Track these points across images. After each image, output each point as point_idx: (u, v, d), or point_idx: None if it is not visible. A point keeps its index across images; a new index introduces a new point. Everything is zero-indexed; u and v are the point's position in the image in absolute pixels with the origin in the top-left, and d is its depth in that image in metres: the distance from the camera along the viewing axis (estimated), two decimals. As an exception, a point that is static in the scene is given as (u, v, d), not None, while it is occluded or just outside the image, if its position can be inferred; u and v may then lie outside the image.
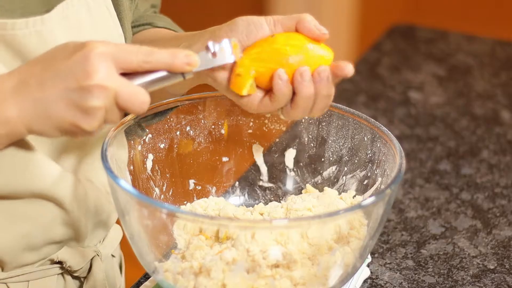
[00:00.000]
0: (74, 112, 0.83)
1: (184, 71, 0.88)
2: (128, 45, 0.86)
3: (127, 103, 0.84)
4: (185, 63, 0.88)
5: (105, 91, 0.82)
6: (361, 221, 0.96)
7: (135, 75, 0.86)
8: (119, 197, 0.91)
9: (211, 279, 0.90)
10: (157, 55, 0.86)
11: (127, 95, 0.84)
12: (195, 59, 0.88)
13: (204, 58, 0.92)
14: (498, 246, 1.21)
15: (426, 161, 1.44)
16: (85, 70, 0.82)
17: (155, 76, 0.87)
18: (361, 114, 1.05)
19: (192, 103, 1.07)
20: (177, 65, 0.87)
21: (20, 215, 0.98)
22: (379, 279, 1.14)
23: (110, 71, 0.83)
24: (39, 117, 0.84)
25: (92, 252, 1.07)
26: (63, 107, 0.83)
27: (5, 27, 0.91)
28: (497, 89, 1.71)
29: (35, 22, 0.93)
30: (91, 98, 0.82)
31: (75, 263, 1.05)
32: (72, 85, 0.82)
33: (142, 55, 0.85)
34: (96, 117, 0.83)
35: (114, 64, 0.83)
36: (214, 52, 0.92)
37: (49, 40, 0.93)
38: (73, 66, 0.82)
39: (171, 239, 0.98)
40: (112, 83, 0.83)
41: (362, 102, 1.63)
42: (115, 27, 1.02)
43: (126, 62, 0.84)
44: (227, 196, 1.12)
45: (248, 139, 1.11)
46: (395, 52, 1.87)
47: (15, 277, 1.02)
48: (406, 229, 1.25)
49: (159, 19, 1.17)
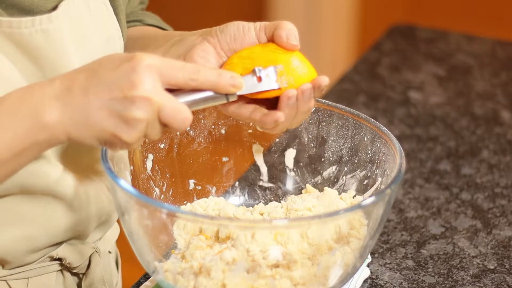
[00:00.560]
0: (116, 122, 0.82)
1: (228, 92, 0.88)
2: (174, 60, 0.86)
3: (170, 119, 0.83)
4: (230, 84, 0.88)
5: (149, 103, 0.82)
6: (361, 221, 0.96)
7: (179, 92, 0.86)
8: (119, 197, 0.91)
9: (211, 279, 0.90)
10: (203, 73, 0.86)
11: (170, 110, 0.83)
12: (240, 81, 0.89)
13: (249, 82, 0.92)
14: (498, 246, 1.21)
15: (426, 161, 1.44)
16: (131, 80, 0.81)
17: (200, 96, 0.87)
18: (361, 114, 1.05)
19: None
20: (222, 86, 0.87)
21: (24, 217, 0.98)
22: (379, 279, 1.14)
23: (156, 84, 0.82)
24: (80, 124, 0.83)
25: (91, 248, 1.07)
26: (105, 116, 0.82)
27: (11, 25, 0.91)
28: (497, 89, 1.71)
29: (42, 21, 0.93)
30: (134, 109, 0.81)
31: (74, 259, 1.05)
32: (116, 94, 0.82)
33: (188, 73, 0.85)
34: (137, 129, 0.83)
35: (160, 78, 0.83)
36: (260, 77, 0.92)
37: (55, 38, 0.94)
38: (119, 76, 0.82)
39: (171, 239, 0.98)
40: (156, 96, 0.82)
41: (362, 102, 1.63)
42: (112, 22, 1.02)
43: (172, 78, 0.84)
44: (227, 196, 1.12)
45: (248, 139, 1.11)
46: (395, 52, 1.87)
47: (15, 274, 1.02)
48: (406, 229, 1.25)
49: (148, 16, 1.18)
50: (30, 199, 0.98)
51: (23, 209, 0.98)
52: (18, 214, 0.98)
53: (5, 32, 0.91)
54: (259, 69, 0.92)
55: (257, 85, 0.92)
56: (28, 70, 0.93)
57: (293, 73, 0.94)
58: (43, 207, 0.99)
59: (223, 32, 0.96)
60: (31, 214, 0.98)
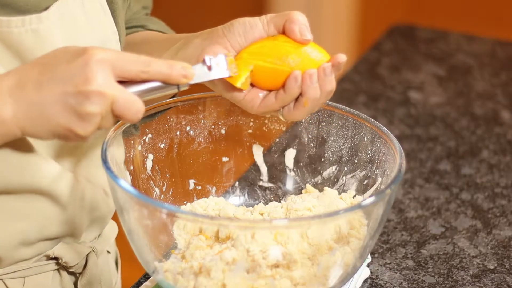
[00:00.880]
0: (70, 116, 0.83)
1: (180, 83, 0.89)
2: (127, 53, 0.86)
3: (123, 111, 0.84)
4: (181, 75, 0.88)
5: (103, 97, 0.82)
6: (361, 221, 0.96)
7: (130, 83, 0.87)
8: (119, 197, 0.91)
9: (211, 279, 0.90)
10: (154, 66, 0.86)
11: (123, 103, 0.84)
12: (191, 71, 0.89)
13: (200, 71, 0.92)
14: (498, 246, 1.21)
15: (426, 161, 1.44)
16: (85, 75, 0.82)
17: (150, 85, 0.88)
18: (361, 114, 1.05)
19: (192, 103, 1.07)
20: (173, 77, 0.88)
21: (16, 212, 0.98)
22: (379, 279, 1.14)
23: (109, 78, 0.83)
24: (34, 120, 0.84)
25: (87, 248, 1.07)
26: (59, 111, 0.83)
27: (0, 24, 0.91)
28: (497, 89, 1.71)
29: (32, 20, 0.93)
30: (88, 104, 0.82)
31: (70, 259, 1.05)
32: (70, 89, 0.82)
33: (140, 65, 0.86)
34: (92, 123, 0.83)
35: (112, 71, 0.84)
36: (210, 66, 0.93)
37: (45, 39, 0.93)
38: (72, 71, 0.82)
39: (171, 239, 0.98)
40: (110, 90, 0.83)
41: (362, 102, 1.63)
42: (110, 25, 1.02)
43: (124, 70, 0.85)
44: (227, 196, 1.12)
45: (248, 139, 1.11)
46: (395, 52, 1.87)
47: (11, 273, 1.02)
48: (406, 229, 1.25)
49: (151, 21, 1.18)
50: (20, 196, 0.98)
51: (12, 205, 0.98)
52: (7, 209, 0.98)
53: None
54: (209, 57, 0.93)
55: (207, 74, 0.93)
56: None
57: (311, 63, 0.95)
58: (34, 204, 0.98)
59: (230, 30, 0.96)
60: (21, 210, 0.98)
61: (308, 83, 0.94)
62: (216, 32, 0.98)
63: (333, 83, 0.96)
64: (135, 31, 1.15)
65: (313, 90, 0.95)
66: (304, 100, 0.95)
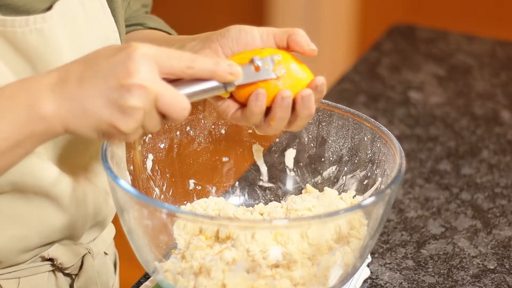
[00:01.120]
0: (112, 111, 0.81)
1: (226, 81, 0.87)
2: (171, 49, 0.85)
3: (168, 108, 0.82)
4: (228, 72, 0.87)
5: (146, 91, 0.81)
6: (361, 221, 0.96)
7: (178, 83, 0.85)
8: (119, 197, 0.91)
9: (211, 279, 0.90)
10: (200, 62, 0.85)
11: (168, 99, 0.82)
12: (238, 69, 0.87)
13: (247, 71, 0.91)
14: (498, 246, 1.22)
15: (426, 161, 1.44)
16: (127, 69, 0.80)
17: (199, 87, 0.86)
18: (361, 114, 1.05)
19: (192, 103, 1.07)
20: (220, 73, 0.86)
21: (19, 217, 0.98)
22: (379, 279, 1.14)
23: (152, 73, 0.81)
24: (76, 115, 0.82)
25: (83, 249, 1.07)
26: (101, 105, 0.81)
27: (4, 24, 0.91)
28: (497, 89, 1.71)
29: (36, 20, 0.92)
30: (130, 97, 0.80)
31: (66, 260, 1.05)
32: (112, 83, 0.81)
33: (184, 61, 0.84)
34: (134, 118, 0.81)
35: (156, 67, 0.82)
36: (258, 65, 0.91)
37: (50, 38, 0.93)
38: (114, 65, 0.81)
39: (171, 239, 0.98)
40: (153, 84, 0.81)
41: (362, 102, 1.63)
42: (110, 23, 1.02)
43: (168, 65, 0.83)
44: (227, 196, 1.12)
45: (248, 139, 1.11)
46: (395, 52, 1.87)
47: (6, 274, 1.02)
48: (406, 229, 1.25)
49: (151, 19, 1.17)
50: (23, 199, 0.97)
51: (16, 209, 0.98)
52: (10, 213, 0.98)
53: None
54: (257, 58, 0.91)
55: (255, 75, 0.91)
56: (22, 69, 0.93)
57: (293, 81, 0.92)
58: (37, 207, 0.98)
59: (224, 36, 0.95)
60: (24, 214, 0.98)
61: (279, 103, 0.92)
62: (210, 38, 0.97)
63: (311, 110, 0.93)
64: (135, 29, 1.15)
65: (280, 113, 0.92)
66: (270, 119, 0.93)
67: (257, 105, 0.91)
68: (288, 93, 0.92)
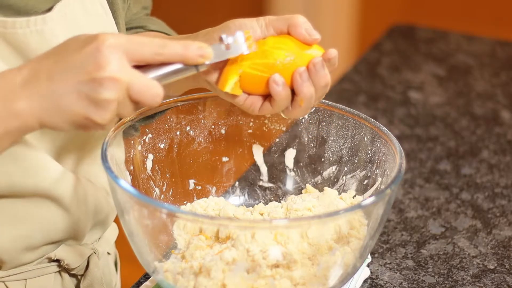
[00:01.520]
0: (86, 104, 0.82)
1: (198, 63, 0.87)
2: (140, 37, 0.85)
3: (140, 96, 0.83)
4: (198, 55, 0.87)
5: (117, 83, 0.81)
6: (361, 221, 0.96)
7: (148, 68, 0.85)
8: (119, 197, 0.91)
9: (211, 279, 0.90)
10: (169, 47, 0.85)
11: (139, 87, 0.82)
12: (208, 50, 0.87)
13: (218, 50, 0.91)
14: (498, 246, 1.22)
15: (426, 161, 1.44)
16: (97, 62, 0.81)
17: (168, 69, 0.86)
18: (361, 114, 1.05)
19: (192, 103, 1.07)
20: (190, 57, 0.86)
21: (21, 216, 0.98)
22: (379, 279, 1.14)
23: (122, 63, 0.82)
24: (50, 110, 0.82)
25: (89, 250, 1.07)
26: (74, 100, 0.82)
27: (5, 25, 0.91)
28: (497, 89, 1.71)
29: (36, 21, 0.92)
30: (102, 90, 0.81)
31: (72, 261, 1.05)
32: (83, 77, 0.81)
33: (154, 47, 0.84)
34: (108, 110, 0.82)
35: (126, 56, 0.82)
36: (228, 44, 0.91)
37: (50, 39, 0.93)
38: (84, 58, 0.81)
39: (171, 239, 0.98)
40: (124, 75, 0.81)
41: (362, 102, 1.63)
42: (111, 26, 1.02)
43: (138, 54, 0.83)
44: (227, 196, 1.12)
45: (248, 139, 1.11)
46: (395, 52, 1.87)
47: (13, 275, 1.02)
48: (406, 229, 1.25)
49: (152, 22, 1.17)
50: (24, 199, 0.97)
51: (17, 208, 0.98)
52: (12, 213, 0.98)
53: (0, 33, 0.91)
54: (226, 36, 0.91)
55: (225, 52, 0.91)
56: None
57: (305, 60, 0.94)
58: (38, 207, 0.98)
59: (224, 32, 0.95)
60: (25, 213, 0.98)
61: (299, 82, 0.94)
62: (211, 36, 0.97)
63: (327, 77, 0.95)
64: (136, 32, 1.15)
65: (306, 88, 0.94)
66: (300, 100, 0.95)
67: (280, 90, 0.93)
68: (302, 69, 0.93)
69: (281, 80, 0.93)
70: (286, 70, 0.94)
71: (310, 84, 0.94)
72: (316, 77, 0.94)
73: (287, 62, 0.94)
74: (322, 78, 0.94)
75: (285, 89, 0.94)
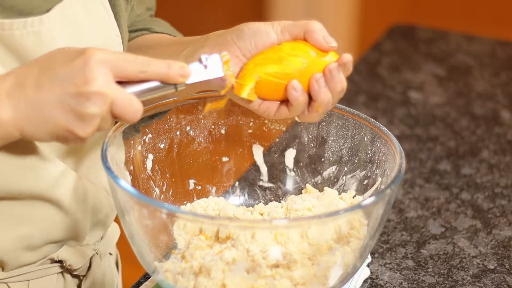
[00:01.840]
0: (70, 117, 0.82)
1: (177, 82, 0.88)
2: (126, 54, 0.86)
3: (121, 111, 0.84)
4: (179, 74, 0.88)
5: (104, 98, 0.82)
6: (361, 221, 0.96)
7: (128, 83, 0.86)
8: (119, 197, 0.91)
9: (211, 279, 0.90)
10: (153, 66, 0.86)
11: (122, 103, 0.83)
12: (188, 70, 0.88)
13: (197, 70, 0.91)
14: (498, 246, 1.22)
15: (426, 161, 1.44)
16: (85, 76, 0.81)
17: (148, 85, 0.87)
18: (361, 114, 1.05)
19: (192, 103, 1.07)
20: (171, 76, 0.87)
21: (20, 217, 0.98)
22: (379, 279, 1.14)
23: (108, 79, 0.83)
24: (33, 120, 0.83)
25: (91, 250, 1.07)
26: (59, 112, 0.82)
27: (2, 27, 0.91)
28: (497, 89, 1.71)
29: (34, 22, 0.92)
30: (89, 105, 0.81)
31: (75, 262, 1.05)
32: (70, 90, 0.81)
33: (138, 65, 0.85)
34: (91, 124, 0.83)
35: (111, 72, 0.83)
36: (206, 65, 0.92)
37: (47, 41, 0.93)
38: (72, 71, 0.82)
39: (171, 239, 0.98)
40: (109, 90, 0.82)
41: (362, 102, 1.63)
42: (113, 28, 1.01)
43: (122, 70, 0.84)
44: (227, 196, 1.12)
45: (248, 139, 1.11)
46: (395, 52, 1.87)
47: (15, 276, 1.02)
48: (406, 229, 1.25)
49: (157, 23, 1.17)
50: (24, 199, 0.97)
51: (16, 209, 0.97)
52: (11, 214, 0.98)
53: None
54: (206, 57, 0.92)
55: (203, 73, 0.92)
56: None
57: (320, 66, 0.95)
58: (38, 208, 0.98)
59: (240, 38, 0.96)
60: (25, 214, 0.98)
61: (317, 88, 0.95)
62: (225, 39, 0.97)
63: (343, 83, 0.96)
64: (141, 34, 1.15)
65: (324, 94, 0.95)
66: (317, 105, 0.96)
67: (299, 96, 0.95)
68: (319, 75, 0.94)
69: (299, 87, 0.94)
70: (302, 76, 0.95)
71: (327, 90, 0.95)
72: (332, 83, 0.95)
73: (303, 69, 0.95)
74: (339, 83, 0.95)
75: (303, 95, 0.95)
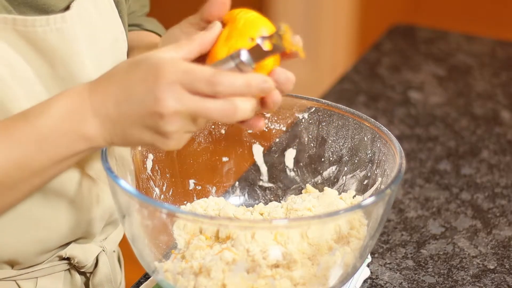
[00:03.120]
0: (152, 135, 0.84)
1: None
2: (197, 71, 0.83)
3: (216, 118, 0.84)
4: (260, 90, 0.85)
5: (178, 115, 0.83)
6: (361, 221, 0.96)
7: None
8: (119, 197, 0.91)
9: (211, 279, 0.90)
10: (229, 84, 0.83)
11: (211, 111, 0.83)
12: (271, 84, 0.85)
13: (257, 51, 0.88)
14: (498, 246, 1.22)
15: (426, 161, 1.44)
16: (155, 96, 0.82)
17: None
18: (361, 114, 1.05)
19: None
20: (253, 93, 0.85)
21: (39, 220, 0.99)
22: (379, 279, 1.14)
23: (180, 97, 0.82)
24: (119, 136, 0.86)
25: (98, 248, 1.08)
26: (139, 131, 0.85)
27: (25, 23, 0.92)
28: (497, 89, 1.71)
29: (56, 20, 0.94)
30: (164, 124, 0.83)
31: (83, 259, 1.06)
32: (144, 111, 0.83)
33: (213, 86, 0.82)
34: (175, 138, 0.84)
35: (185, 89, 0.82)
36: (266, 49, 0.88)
37: (69, 38, 0.95)
38: (144, 91, 0.83)
39: (171, 239, 0.98)
40: (184, 106, 0.82)
41: (362, 102, 1.63)
42: (118, 24, 1.03)
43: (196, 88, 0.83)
44: (227, 196, 1.12)
45: (248, 139, 1.11)
46: (395, 52, 1.87)
47: (24, 274, 1.03)
48: (406, 229, 1.25)
49: (148, 21, 1.18)
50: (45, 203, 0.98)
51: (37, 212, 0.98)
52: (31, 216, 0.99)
53: (20, 31, 0.92)
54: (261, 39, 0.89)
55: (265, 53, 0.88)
56: (42, 68, 0.94)
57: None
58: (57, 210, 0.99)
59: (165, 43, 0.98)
60: (44, 217, 0.99)
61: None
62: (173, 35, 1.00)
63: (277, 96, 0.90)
64: (131, 29, 1.16)
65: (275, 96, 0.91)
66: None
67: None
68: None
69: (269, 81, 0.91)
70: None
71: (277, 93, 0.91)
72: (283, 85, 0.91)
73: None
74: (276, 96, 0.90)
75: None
